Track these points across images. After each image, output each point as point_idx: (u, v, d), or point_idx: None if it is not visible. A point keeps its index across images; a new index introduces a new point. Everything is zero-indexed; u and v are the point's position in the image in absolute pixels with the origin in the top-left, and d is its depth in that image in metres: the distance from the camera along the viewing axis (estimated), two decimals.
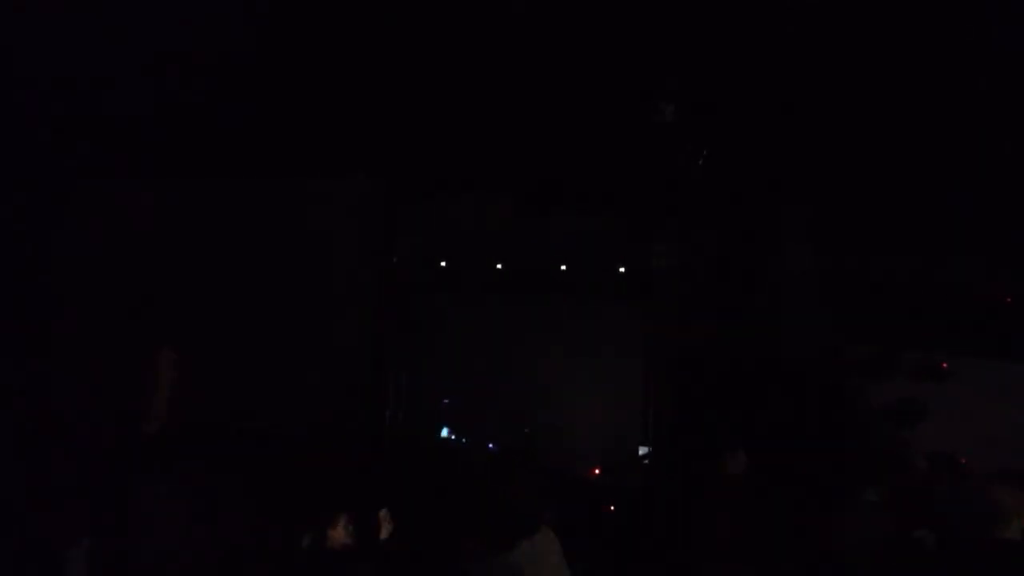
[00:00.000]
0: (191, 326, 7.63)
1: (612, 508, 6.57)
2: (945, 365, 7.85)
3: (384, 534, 3.77)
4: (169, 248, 8.44)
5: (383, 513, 3.80)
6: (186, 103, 7.14)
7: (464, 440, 8.42)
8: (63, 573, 3.86)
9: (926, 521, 3.45)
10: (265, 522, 3.89)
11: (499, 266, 8.87)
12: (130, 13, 5.92)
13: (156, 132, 7.60)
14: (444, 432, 8.57)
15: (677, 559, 5.07)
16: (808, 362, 7.74)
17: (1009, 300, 8.12)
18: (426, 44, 6.43)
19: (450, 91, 7.00)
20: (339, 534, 3.63)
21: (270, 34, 6.43)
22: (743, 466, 5.16)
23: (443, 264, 8.92)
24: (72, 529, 3.94)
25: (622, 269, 8.82)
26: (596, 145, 7.51)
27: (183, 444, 4.61)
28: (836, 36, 6.14)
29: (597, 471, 7.83)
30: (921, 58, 6.10)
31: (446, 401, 8.66)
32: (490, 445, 8.03)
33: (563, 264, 8.83)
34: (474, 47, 6.42)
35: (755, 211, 8.30)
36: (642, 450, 8.25)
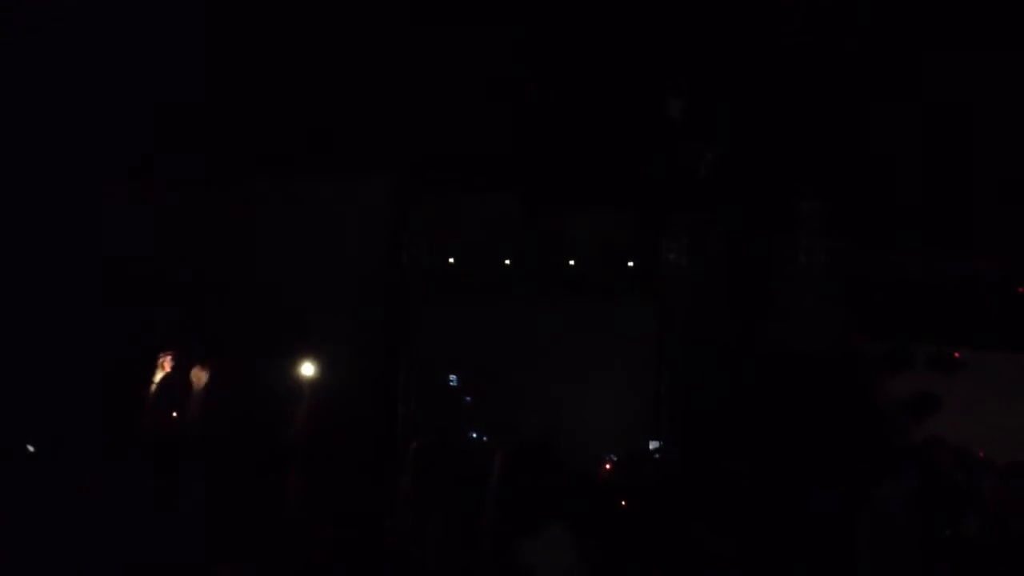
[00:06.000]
0: (202, 327, 7.62)
1: (624, 503, 6.55)
2: (957, 355, 7.82)
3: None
4: (177, 250, 8.41)
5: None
6: (194, 103, 7.14)
7: (484, 438, 8.39)
8: None
9: (949, 515, 3.43)
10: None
11: (508, 262, 8.84)
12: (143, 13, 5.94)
13: (165, 134, 7.59)
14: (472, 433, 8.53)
15: (690, 555, 5.06)
16: (821, 357, 7.71)
17: (1021, 290, 8.08)
18: (433, 41, 6.43)
19: (458, 88, 7.00)
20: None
21: (277, 34, 6.44)
22: None
23: (451, 261, 8.89)
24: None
25: (631, 264, 8.79)
26: (606, 140, 7.49)
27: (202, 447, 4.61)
28: (845, 31, 6.12)
29: (608, 467, 7.81)
30: (934, 52, 6.08)
31: (468, 399, 8.65)
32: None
33: (572, 259, 8.80)
34: (482, 44, 6.42)
35: (766, 206, 8.27)
36: (652, 444, 8.23)
